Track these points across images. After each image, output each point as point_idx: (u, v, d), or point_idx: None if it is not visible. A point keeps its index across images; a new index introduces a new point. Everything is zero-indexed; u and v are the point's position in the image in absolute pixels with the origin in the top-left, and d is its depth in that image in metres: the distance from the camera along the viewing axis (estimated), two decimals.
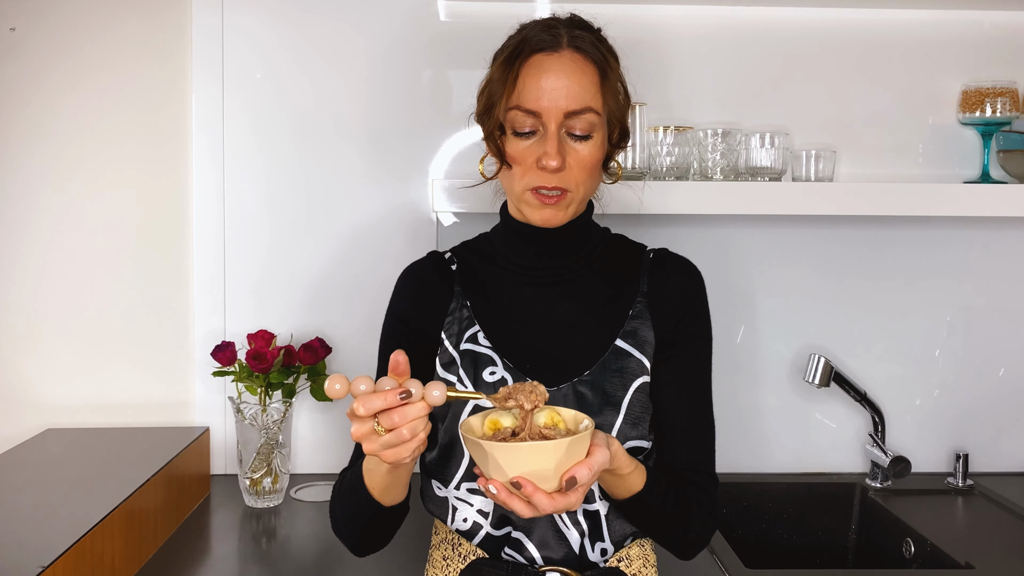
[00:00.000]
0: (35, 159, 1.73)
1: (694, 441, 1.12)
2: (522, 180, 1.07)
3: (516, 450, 0.85)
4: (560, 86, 1.03)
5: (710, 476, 1.12)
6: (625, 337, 1.10)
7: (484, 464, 0.88)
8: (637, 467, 1.00)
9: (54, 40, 1.71)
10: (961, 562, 1.45)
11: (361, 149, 1.75)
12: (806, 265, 1.83)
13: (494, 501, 0.89)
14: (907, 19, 1.78)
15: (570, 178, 1.06)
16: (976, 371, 1.86)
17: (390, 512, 1.07)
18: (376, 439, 0.87)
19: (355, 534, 1.11)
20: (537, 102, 1.04)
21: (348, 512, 1.09)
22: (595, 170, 1.08)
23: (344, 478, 1.11)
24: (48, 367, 1.76)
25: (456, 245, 1.22)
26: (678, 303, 1.13)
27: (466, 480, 1.08)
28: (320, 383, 1.67)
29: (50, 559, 1.11)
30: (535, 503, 0.87)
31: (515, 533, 1.07)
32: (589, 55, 1.06)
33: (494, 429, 0.93)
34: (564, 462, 0.86)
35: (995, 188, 1.70)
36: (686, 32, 1.76)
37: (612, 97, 1.07)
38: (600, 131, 1.07)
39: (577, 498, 0.88)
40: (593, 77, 1.05)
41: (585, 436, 0.88)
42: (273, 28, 1.73)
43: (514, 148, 1.07)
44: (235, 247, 1.75)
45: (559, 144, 1.04)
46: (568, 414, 0.94)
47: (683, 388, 1.12)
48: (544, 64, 1.05)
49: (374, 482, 1.02)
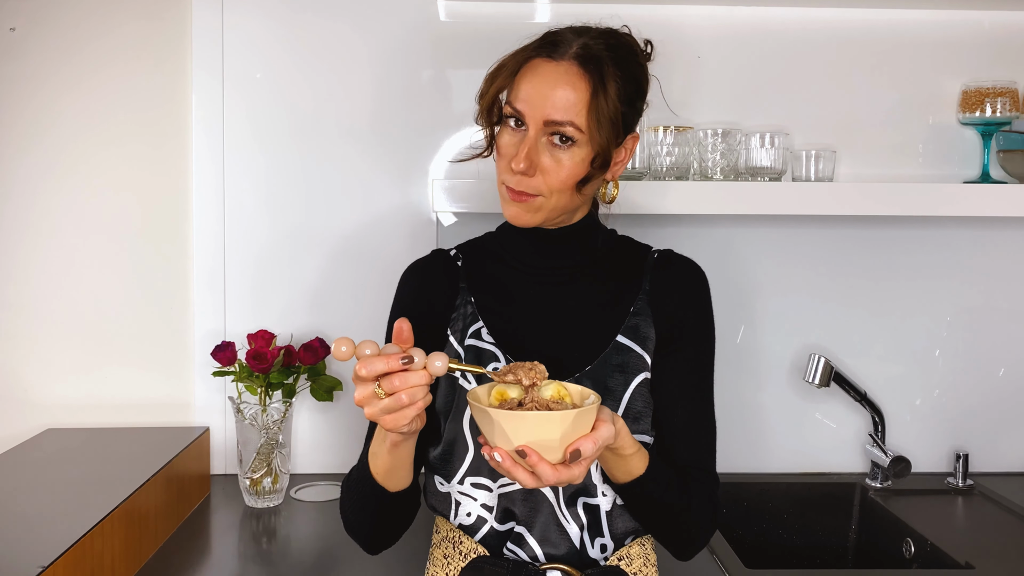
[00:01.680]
0: (35, 159, 1.73)
1: (694, 439, 1.12)
2: (500, 173, 1.10)
3: (522, 419, 0.87)
4: (546, 94, 1.04)
5: (710, 475, 1.13)
6: (626, 333, 1.11)
7: (490, 432, 0.89)
8: (640, 450, 1.01)
9: (54, 40, 1.71)
10: (961, 562, 1.45)
11: (361, 149, 1.75)
12: (806, 265, 1.83)
13: (497, 470, 0.90)
14: (907, 19, 1.78)
15: (540, 185, 1.06)
16: (976, 371, 1.86)
17: (397, 500, 1.07)
18: (376, 403, 0.89)
19: (364, 526, 1.12)
20: (524, 103, 1.05)
21: (356, 502, 1.10)
22: (568, 183, 1.06)
23: (352, 470, 1.12)
24: (48, 367, 1.76)
25: (461, 243, 1.23)
26: (680, 301, 1.14)
27: (469, 475, 1.09)
28: (320, 383, 1.67)
29: (50, 559, 1.11)
30: (539, 473, 0.88)
31: (517, 528, 1.08)
32: (588, 71, 1.04)
33: (501, 399, 0.94)
34: (569, 434, 0.87)
35: (995, 188, 1.70)
36: (686, 32, 1.76)
37: (597, 121, 1.04)
38: (583, 147, 1.05)
39: (580, 471, 0.89)
40: (583, 94, 1.04)
41: (591, 409, 0.89)
42: (273, 28, 1.73)
43: (503, 139, 1.09)
44: (235, 247, 1.75)
45: (531, 150, 1.05)
46: (575, 389, 0.95)
47: (684, 386, 1.12)
48: (540, 69, 1.06)
49: (378, 465, 1.03)
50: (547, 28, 1.11)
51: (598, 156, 1.07)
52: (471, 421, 1.08)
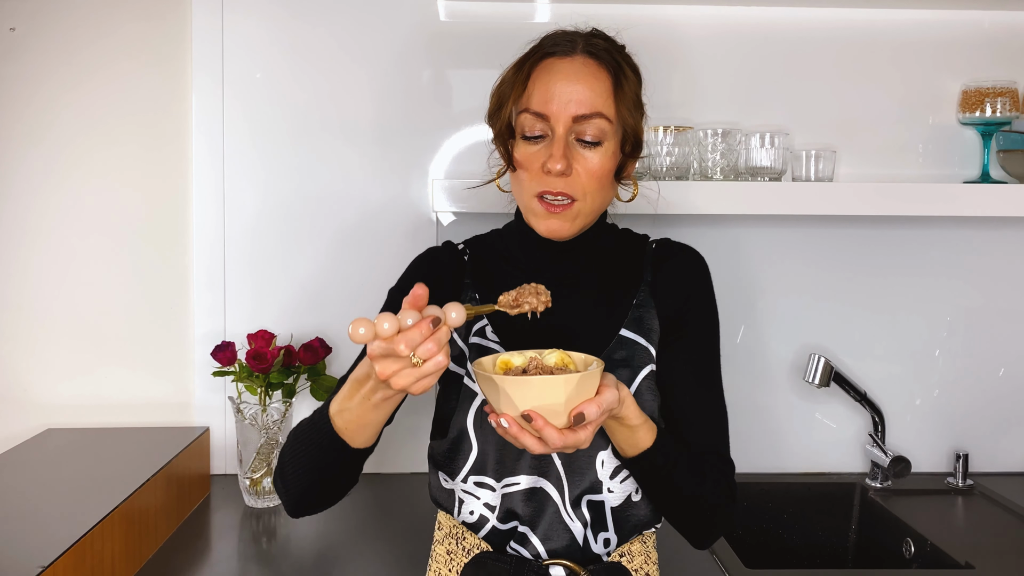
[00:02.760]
0: (35, 159, 1.73)
1: (705, 425, 1.11)
2: (529, 185, 1.07)
3: (528, 383, 0.88)
4: (570, 90, 1.03)
5: (724, 459, 1.11)
6: (629, 326, 1.11)
7: (496, 399, 0.90)
8: (647, 422, 1.00)
9: (54, 40, 1.71)
10: (961, 562, 1.45)
11: (361, 149, 1.75)
12: (806, 265, 1.83)
13: (504, 437, 0.91)
14: (907, 19, 1.78)
15: (577, 186, 1.05)
16: (976, 371, 1.86)
17: (356, 457, 1.02)
18: (411, 373, 0.86)
19: (302, 480, 1.04)
20: (546, 105, 1.04)
21: (304, 453, 1.03)
22: (605, 180, 1.07)
23: (304, 422, 1.05)
24: (48, 367, 1.76)
25: (468, 238, 1.23)
26: (682, 288, 1.14)
27: (473, 473, 1.08)
28: (320, 383, 1.67)
29: (50, 559, 1.11)
30: (545, 437, 0.89)
31: (520, 528, 1.08)
32: (603, 61, 1.05)
33: (505, 368, 0.95)
34: (573, 398, 0.89)
35: (995, 188, 1.70)
36: (686, 32, 1.76)
37: (625, 106, 1.06)
38: (612, 139, 1.06)
39: (587, 435, 0.90)
40: (606, 83, 1.05)
41: (595, 373, 0.90)
42: (273, 29, 1.73)
43: (522, 153, 1.07)
44: (235, 247, 1.75)
45: (565, 148, 1.04)
46: (578, 357, 0.97)
47: (691, 372, 1.11)
48: (555, 67, 1.05)
49: (348, 420, 0.98)
50: (547, 28, 1.11)
51: (628, 139, 1.06)
52: (475, 418, 1.08)
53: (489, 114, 1.11)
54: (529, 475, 1.07)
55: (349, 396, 0.97)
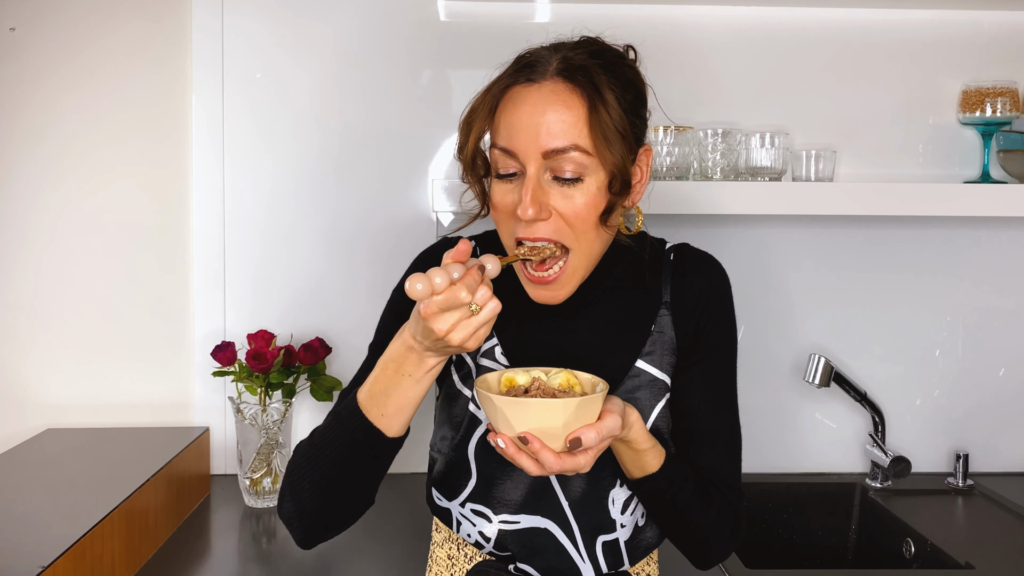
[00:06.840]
0: (35, 159, 1.73)
1: (717, 451, 1.06)
2: (505, 229, 0.98)
3: (525, 406, 0.86)
4: (537, 121, 0.92)
5: (734, 489, 1.06)
6: (646, 358, 1.05)
7: (494, 418, 0.89)
8: (656, 447, 0.97)
9: (54, 40, 1.71)
10: (961, 562, 1.45)
11: (361, 149, 1.75)
12: (806, 265, 1.83)
13: (503, 456, 0.88)
14: (907, 19, 1.78)
15: (561, 230, 0.95)
16: (976, 371, 1.86)
17: (390, 450, 0.96)
18: (470, 323, 0.85)
19: (319, 498, 0.97)
20: (511, 140, 0.94)
21: (325, 462, 0.96)
22: (590, 221, 0.95)
23: (318, 433, 0.99)
24: (48, 367, 1.76)
25: (479, 234, 1.15)
26: (701, 308, 1.07)
27: (471, 501, 1.05)
28: (320, 383, 1.67)
29: (50, 559, 1.11)
30: (542, 460, 0.86)
31: (520, 564, 1.04)
32: (577, 84, 0.93)
33: (509, 385, 0.94)
34: (572, 422, 0.87)
35: (995, 188, 1.70)
36: (686, 32, 1.76)
37: (603, 135, 0.92)
38: (595, 174, 0.94)
39: (586, 460, 0.87)
40: (579, 111, 0.92)
41: (596, 398, 0.88)
42: (273, 28, 1.73)
43: (495, 192, 0.98)
44: (235, 247, 1.75)
45: (536, 189, 0.93)
46: (585, 378, 0.94)
47: (706, 395, 1.06)
48: (520, 97, 0.94)
49: (389, 404, 0.92)
50: (547, 28, 1.08)
51: (615, 178, 0.94)
52: (476, 448, 1.04)
53: (458, 147, 1.01)
54: (530, 515, 1.03)
55: (383, 379, 0.92)
